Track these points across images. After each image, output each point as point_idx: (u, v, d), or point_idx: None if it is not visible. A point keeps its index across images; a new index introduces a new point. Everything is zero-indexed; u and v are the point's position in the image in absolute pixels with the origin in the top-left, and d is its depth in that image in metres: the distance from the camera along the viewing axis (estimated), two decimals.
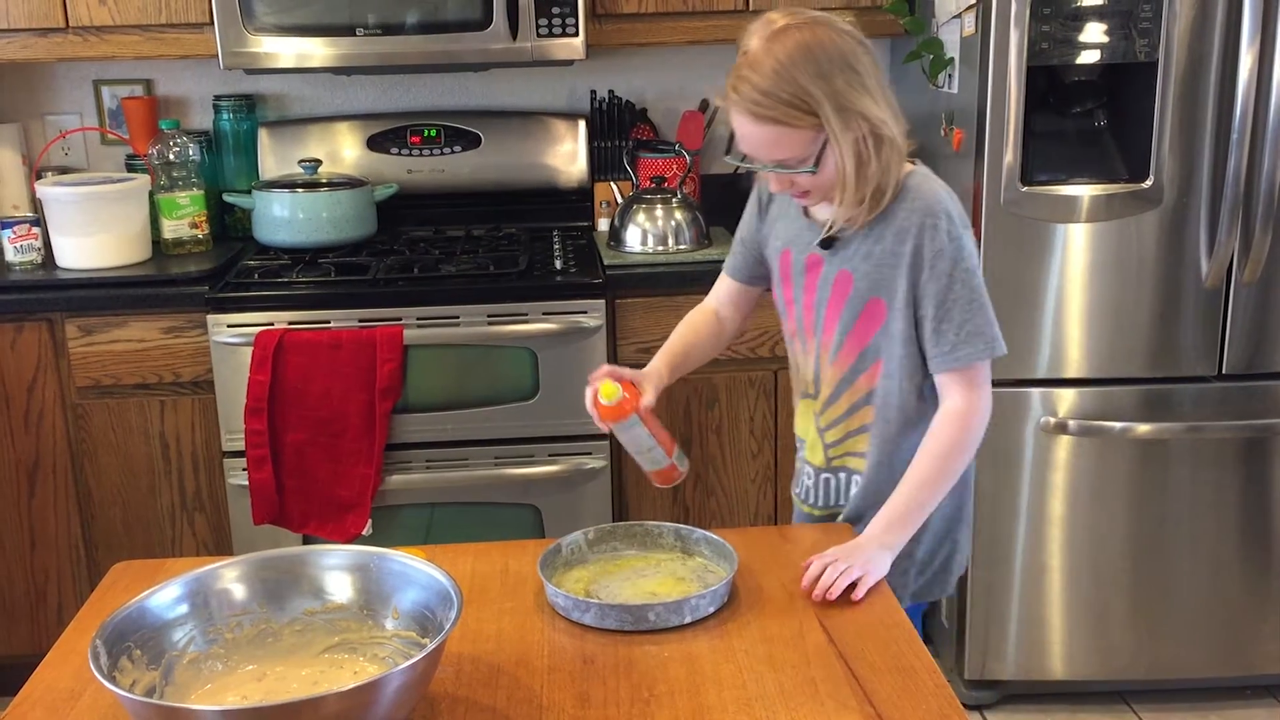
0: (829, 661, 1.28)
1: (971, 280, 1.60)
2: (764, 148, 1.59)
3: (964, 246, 1.61)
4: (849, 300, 1.68)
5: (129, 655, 1.14)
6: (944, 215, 1.61)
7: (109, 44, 2.69)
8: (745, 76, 1.55)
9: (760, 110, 1.55)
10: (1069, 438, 2.54)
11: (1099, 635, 2.64)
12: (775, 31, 1.55)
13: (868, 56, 1.59)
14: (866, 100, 1.56)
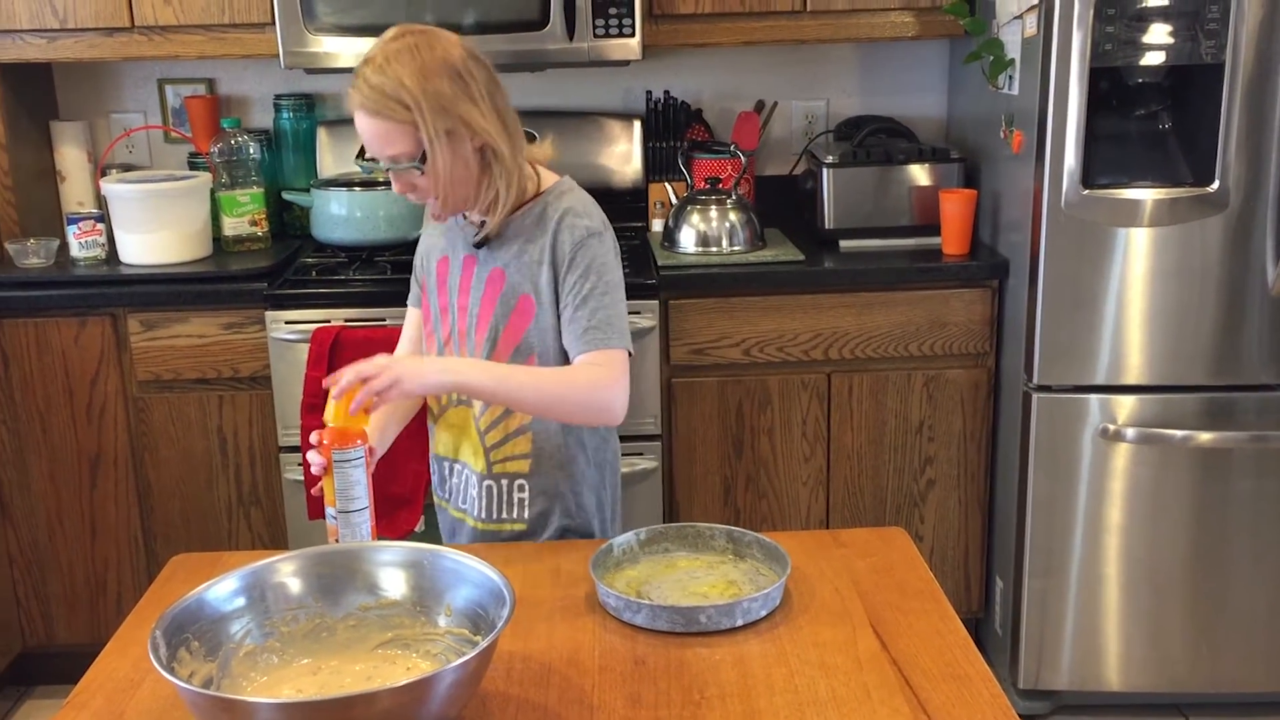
0: (882, 667, 1.26)
1: (605, 276, 1.73)
2: (375, 143, 1.68)
3: (597, 246, 1.74)
4: (501, 297, 1.77)
5: (187, 646, 1.16)
6: (582, 216, 1.76)
7: (173, 43, 2.73)
8: (361, 73, 1.66)
9: (368, 104, 1.65)
10: (1128, 445, 2.50)
11: (1156, 646, 2.60)
12: (392, 36, 1.68)
13: (482, 72, 1.71)
14: (469, 108, 1.68)
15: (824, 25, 2.79)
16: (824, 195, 2.80)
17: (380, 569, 1.28)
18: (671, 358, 2.64)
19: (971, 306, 2.65)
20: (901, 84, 3.15)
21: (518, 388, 1.66)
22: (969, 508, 2.77)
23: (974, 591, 2.83)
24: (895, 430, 2.71)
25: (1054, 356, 2.49)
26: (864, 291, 2.63)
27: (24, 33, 2.72)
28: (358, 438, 1.43)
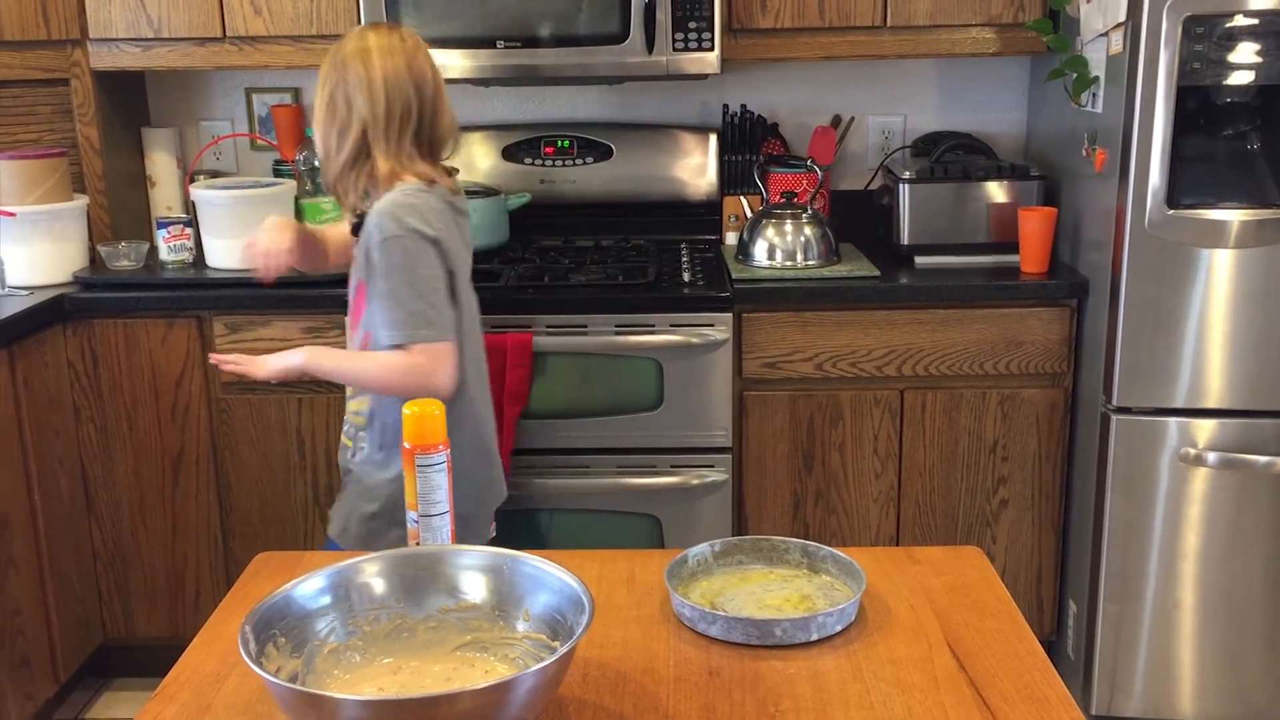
0: (959, 687, 1.26)
1: (399, 277, 1.91)
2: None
3: (394, 250, 1.90)
4: (353, 280, 2.04)
5: (274, 642, 1.18)
6: (391, 219, 1.91)
7: (262, 53, 2.80)
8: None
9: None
10: (1208, 470, 2.46)
11: (1232, 675, 2.55)
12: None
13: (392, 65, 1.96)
14: (360, 98, 1.93)
15: (904, 41, 2.78)
16: (900, 211, 2.79)
17: (461, 572, 1.30)
18: (744, 371, 2.64)
19: (1049, 326, 2.62)
20: (980, 100, 3.13)
21: (349, 369, 2.02)
22: (1043, 529, 2.73)
23: (1046, 615, 2.79)
24: (968, 449, 2.69)
25: (1134, 378, 2.45)
26: (939, 308, 2.62)
27: (120, 41, 2.81)
28: (440, 443, 1.46)
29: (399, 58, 1.96)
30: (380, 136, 1.95)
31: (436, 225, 1.94)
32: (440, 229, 1.95)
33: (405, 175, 1.98)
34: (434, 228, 1.93)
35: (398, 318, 1.91)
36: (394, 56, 1.96)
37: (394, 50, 1.96)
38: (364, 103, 1.94)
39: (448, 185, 2.05)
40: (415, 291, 1.90)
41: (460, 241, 2.03)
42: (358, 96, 1.94)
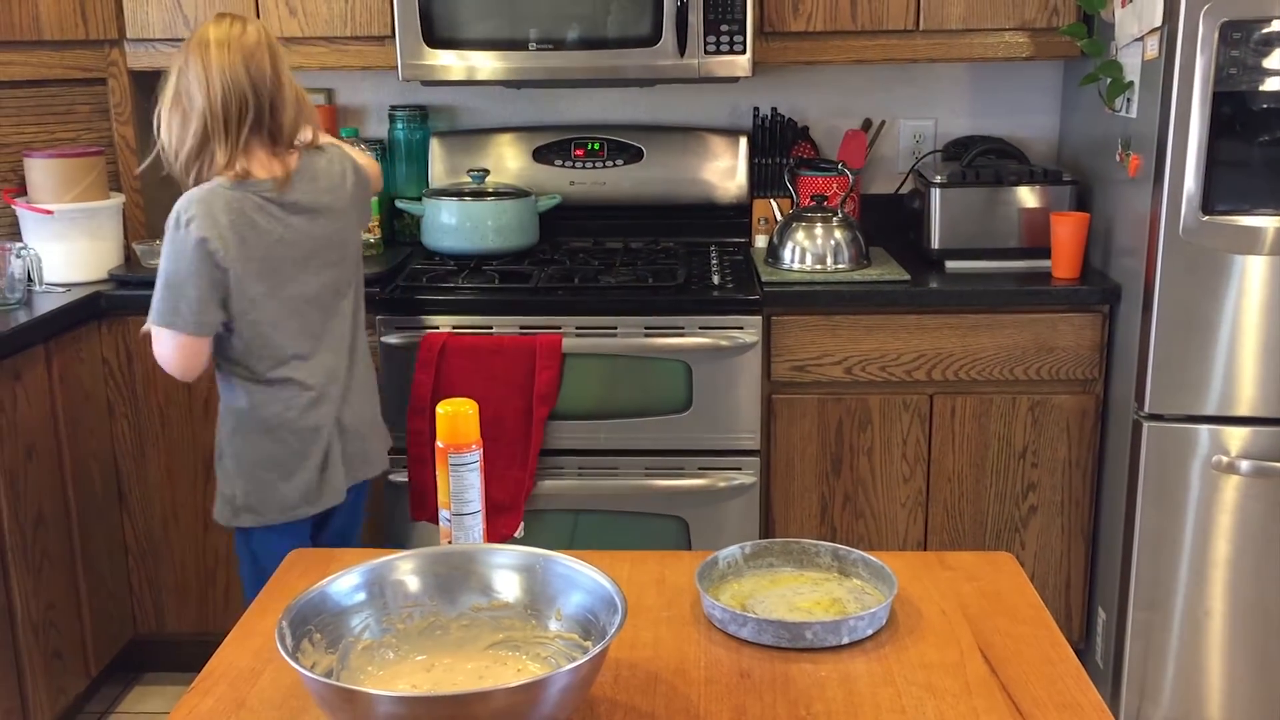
0: (991, 693, 1.25)
1: (163, 266, 2.04)
2: None
3: (168, 241, 2.03)
4: None
5: (310, 638, 1.19)
6: (175, 213, 2.03)
7: (297, 54, 2.82)
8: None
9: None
10: (1240, 478, 2.44)
11: (1262, 685, 2.53)
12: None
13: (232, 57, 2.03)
14: (197, 92, 2.02)
15: (936, 45, 2.78)
16: (931, 215, 2.78)
17: (494, 571, 1.31)
18: (773, 374, 2.64)
19: (1081, 332, 2.60)
20: (1012, 105, 3.12)
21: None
22: (1072, 536, 2.72)
23: (1075, 622, 2.77)
24: (998, 454, 2.68)
25: (1166, 385, 2.44)
26: (970, 313, 2.61)
27: (157, 41, 2.84)
28: (473, 443, 1.46)
29: (235, 53, 2.01)
30: (218, 130, 2.02)
31: (219, 223, 2.00)
32: (221, 228, 2.00)
33: (236, 168, 2.04)
34: (209, 227, 2.00)
35: (153, 302, 2.05)
36: (229, 51, 2.01)
37: (230, 44, 2.02)
38: (200, 97, 2.01)
39: (279, 178, 2.07)
40: (168, 284, 2.03)
41: (263, 239, 2.05)
42: (195, 90, 2.02)
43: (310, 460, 2.16)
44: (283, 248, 2.09)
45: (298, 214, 2.11)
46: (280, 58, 2.09)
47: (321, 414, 2.16)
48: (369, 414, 2.28)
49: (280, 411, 2.14)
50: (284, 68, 2.09)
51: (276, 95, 2.06)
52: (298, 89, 2.13)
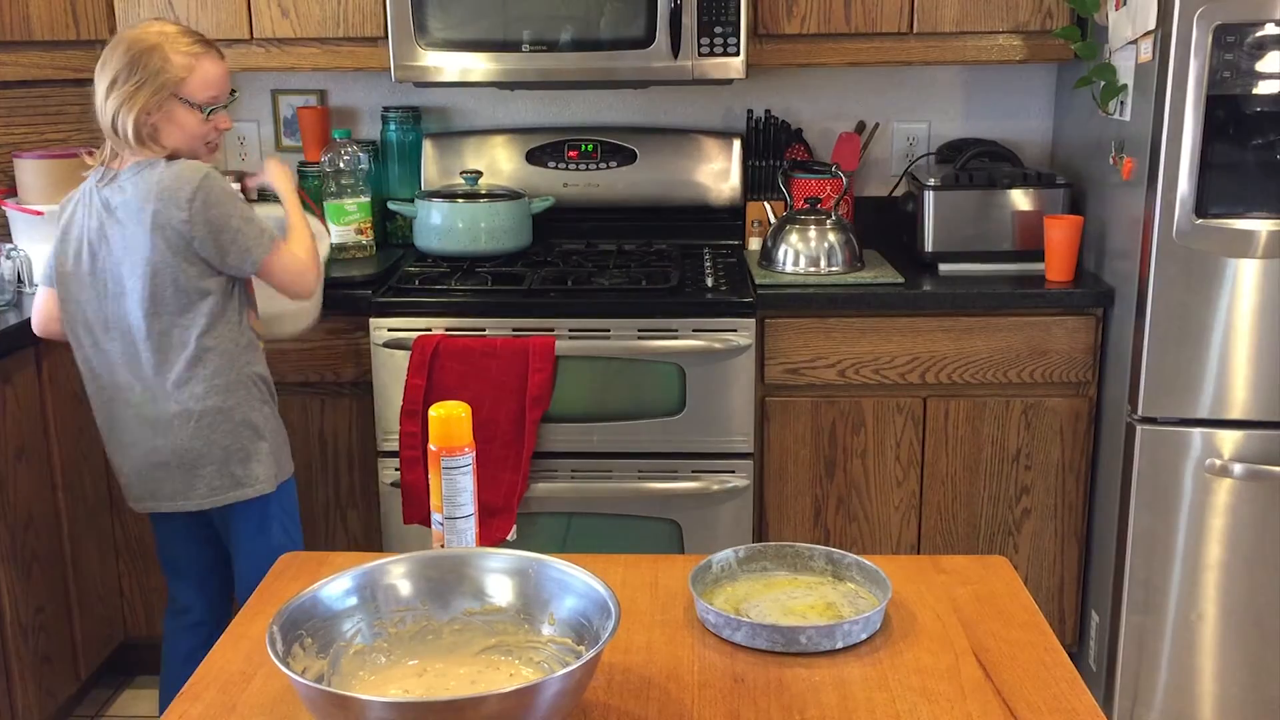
0: (986, 697, 1.25)
1: (234, 208, 2.13)
2: (227, 79, 2.19)
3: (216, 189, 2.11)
4: None
5: (301, 643, 1.18)
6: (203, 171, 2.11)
7: (289, 56, 2.81)
8: (195, 34, 2.16)
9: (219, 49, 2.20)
10: (1233, 481, 2.44)
11: (1255, 689, 2.53)
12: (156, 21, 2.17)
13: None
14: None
15: (930, 47, 2.78)
16: (925, 218, 2.78)
17: (487, 575, 1.30)
18: (766, 376, 2.64)
19: (1074, 335, 2.60)
20: (1006, 108, 3.12)
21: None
22: (1065, 539, 2.72)
23: (1068, 625, 2.77)
24: (991, 458, 2.68)
25: (1159, 388, 2.44)
26: (963, 316, 2.61)
27: None
28: (466, 446, 1.46)
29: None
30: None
31: (62, 212, 2.19)
32: (61, 216, 2.19)
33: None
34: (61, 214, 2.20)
35: (256, 240, 2.15)
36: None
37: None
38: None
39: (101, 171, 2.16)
40: (248, 218, 2.14)
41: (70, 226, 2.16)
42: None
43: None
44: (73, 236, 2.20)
45: (109, 214, 2.17)
46: (123, 61, 2.10)
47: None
48: None
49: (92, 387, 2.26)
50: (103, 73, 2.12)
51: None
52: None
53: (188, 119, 2.12)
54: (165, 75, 2.07)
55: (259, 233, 2.13)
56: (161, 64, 2.07)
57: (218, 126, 2.18)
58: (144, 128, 2.08)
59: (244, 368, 2.19)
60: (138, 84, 2.06)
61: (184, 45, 2.10)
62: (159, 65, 2.07)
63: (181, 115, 2.11)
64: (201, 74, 2.11)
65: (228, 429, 2.17)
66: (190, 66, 2.10)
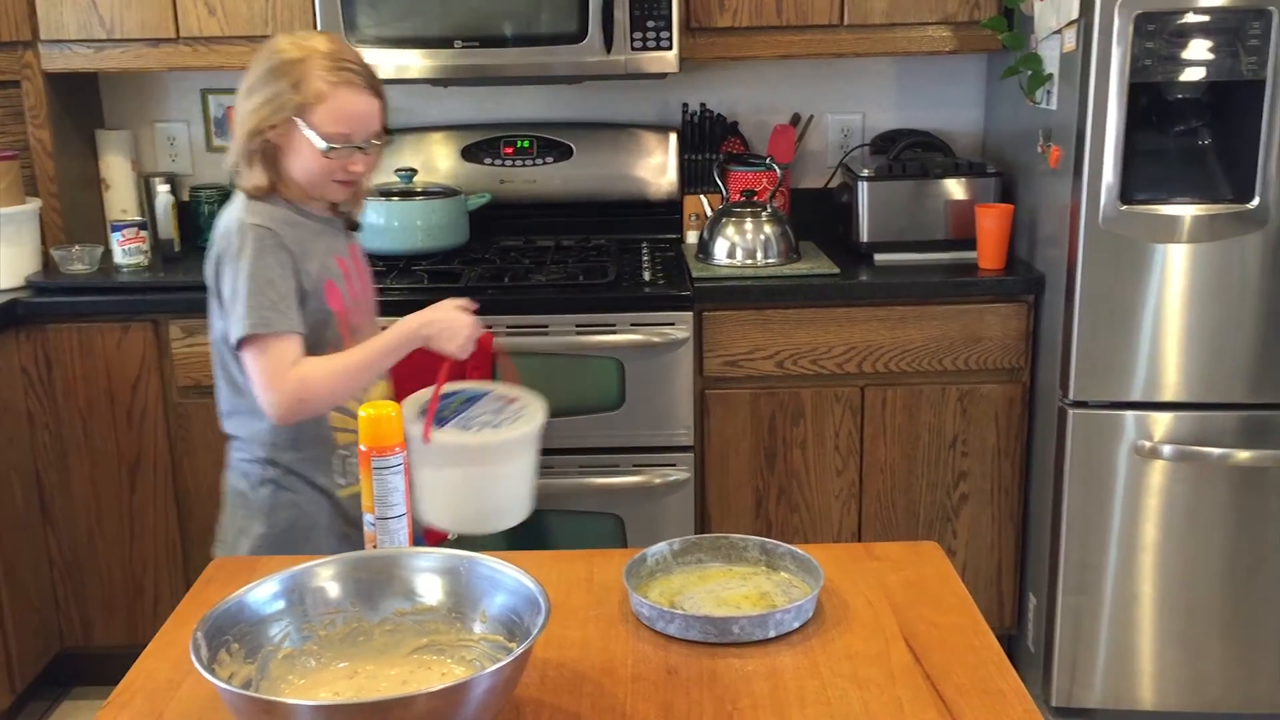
0: (915, 681, 1.26)
1: None
2: (369, 121, 1.87)
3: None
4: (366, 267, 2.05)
5: (227, 648, 1.17)
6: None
7: (217, 54, 2.78)
8: (346, 61, 1.84)
9: (373, 83, 1.87)
10: (1164, 462, 2.49)
11: (1190, 665, 2.58)
12: (324, 34, 1.91)
13: None
14: None
15: (861, 39, 2.80)
16: (859, 208, 2.80)
17: (417, 574, 1.30)
18: (705, 369, 2.64)
19: (1007, 321, 2.64)
20: (938, 98, 3.15)
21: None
22: (1002, 523, 2.76)
23: (1007, 607, 2.81)
24: (929, 445, 2.71)
25: (1090, 372, 2.47)
26: (899, 305, 2.63)
27: (72, 43, 2.77)
28: (396, 445, 1.45)
29: None
30: None
31: None
32: None
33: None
34: None
35: None
36: None
37: None
38: None
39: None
40: None
41: None
42: None
43: None
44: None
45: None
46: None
47: None
48: None
49: None
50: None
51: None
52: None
53: (307, 149, 1.83)
54: (295, 96, 1.80)
55: (249, 310, 1.79)
56: (295, 82, 1.80)
57: (347, 167, 1.86)
58: (257, 144, 1.83)
59: (262, 455, 1.93)
60: (266, 98, 1.81)
61: (326, 68, 1.81)
62: (292, 83, 1.80)
63: (301, 142, 1.82)
64: (335, 105, 1.81)
65: (231, 509, 1.99)
66: (323, 94, 1.80)
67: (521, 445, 1.76)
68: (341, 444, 1.95)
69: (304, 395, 1.81)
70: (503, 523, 1.79)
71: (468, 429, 1.71)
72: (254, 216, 1.84)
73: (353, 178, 1.88)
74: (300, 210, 1.91)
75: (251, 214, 1.84)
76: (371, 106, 1.86)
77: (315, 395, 1.83)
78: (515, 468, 1.77)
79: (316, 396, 1.83)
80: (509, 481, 1.77)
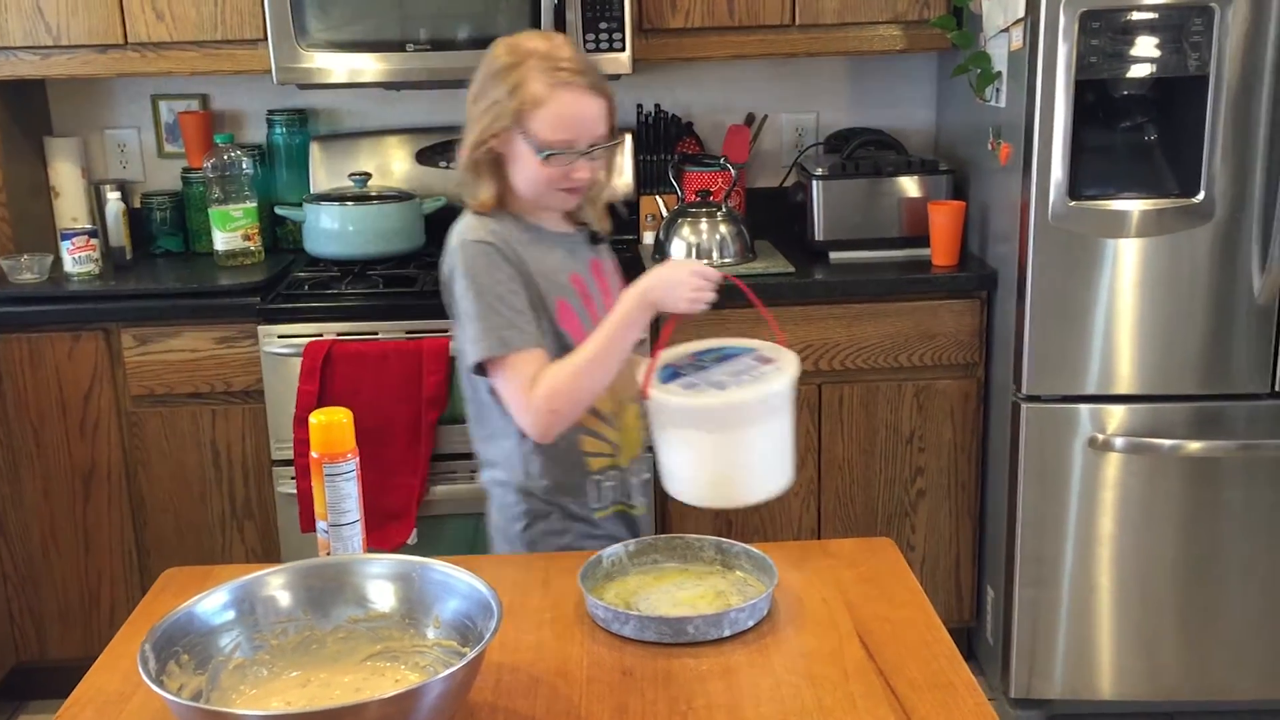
0: (868, 678, 1.27)
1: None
2: (591, 123, 1.72)
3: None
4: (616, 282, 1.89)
5: (177, 660, 1.16)
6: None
7: (167, 60, 2.75)
8: (563, 61, 1.69)
9: (596, 83, 1.72)
10: (1118, 455, 2.51)
11: (1147, 655, 2.61)
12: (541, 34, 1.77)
13: None
14: None
15: (813, 39, 2.81)
16: (814, 207, 2.82)
17: (369, 581, 1.29)
18: None
19: (960, 317, 2.66)
20: (890, 97, 3.17)
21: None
22: (960, 518, 2.78)
23: (965, 601, 2.83)
24: (886, 441, 2.72)
25: (1042, 367, 2.50)
26: (854, 303, 2.64)
27: (18, 50, 2.74)
28: (348, 451, 1.44)
29: None
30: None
31: None
32: None
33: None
34: None
35: None
36: None
37: None
38: None
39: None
40: None
41: None
42: None
43: None
44: None
45: None
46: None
47: None
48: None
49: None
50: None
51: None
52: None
53: (528, 158, 1.70)
54: (513, 101, 1.68)
55: (483, 333, 1.69)
56: (512, 87, 1.69)
57: (570, 174, 1.72)
58: (482, 154, 1.73)
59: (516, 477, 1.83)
60: (486, 106, 1.71)
61: (542, 70, 1.68)
62: (509, 88, 1.69)
63: (522, 151, 1.70)
64: (554, 109, 1.67)
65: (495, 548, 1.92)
66: (541, 98, 1.67)
67: (763, 407, 1.53)
68: (595, 469, 1.83)
69: (554, 407, 1.69)
70: (749, 495, 1.59)
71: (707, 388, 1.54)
72: (474, 233, 1.73)
73: (577, 185, 1.73)
74: (529, 224, 1.77)
75: (472, 230, 1.74)
76: (594, 108, 1.71)
77: (564, 402, 1.70)
78: (757, 432, 1.55)
79: (567, 403, 1.70)
80: (751, 448, 1.56)
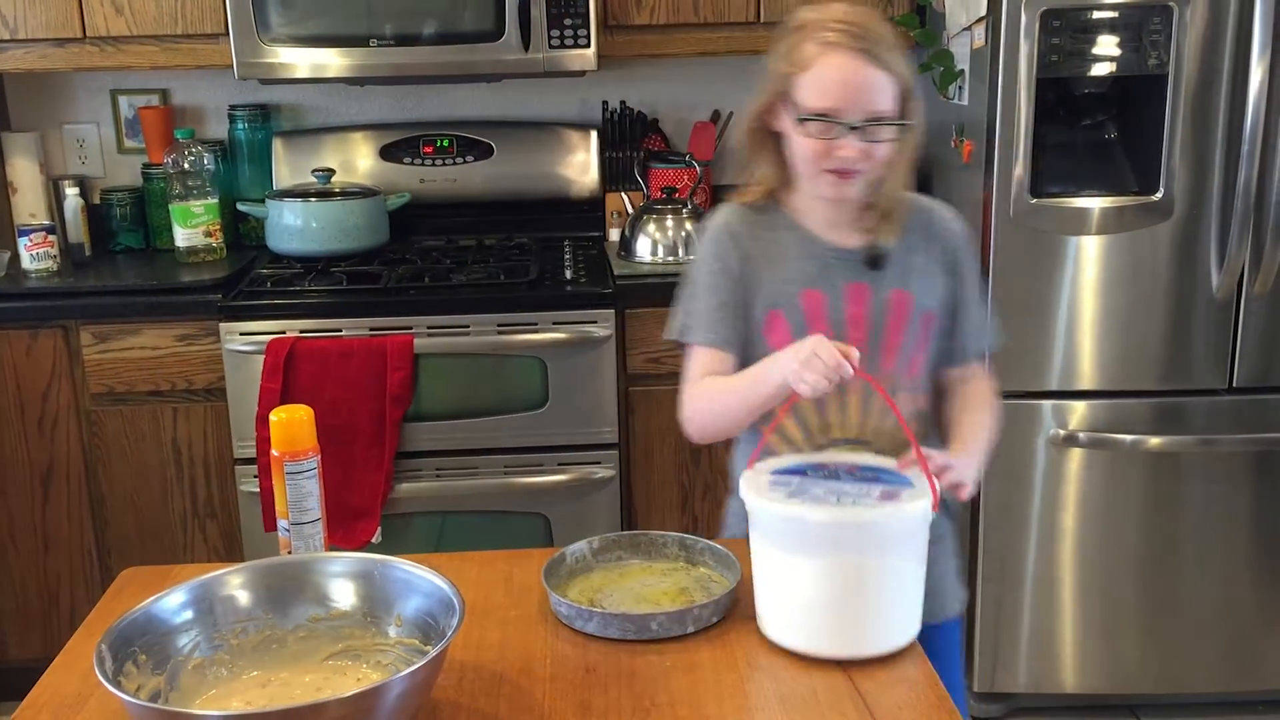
0: (830, 672, 1.28)
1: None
2: (870, 93, 1.49)
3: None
4: (910, 322, 1.60)
5: (134, 660, 1.15)
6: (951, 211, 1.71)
7: (126, 54, 2.72)
8: (841, 22, 1.50)
9: (883, 52, 1.50)
10: (1080, 450, 2.53)
11: (1110, 648, 2.63)
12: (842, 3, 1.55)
13: None
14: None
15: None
16: None
17: (330, 580, 1.28)
18: (629, 366, 2.65)
19: None
20: None
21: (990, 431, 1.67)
22: None
23: None
24: None
25: (1006, 363, 2.51)
26: None
27: None
28: (310, 449, 1.43)
29: None
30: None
31: None
32: None
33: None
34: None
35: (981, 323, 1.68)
36: None
37: None
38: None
39: None
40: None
41: None
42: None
43: None
44: None
45: None
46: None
47: None
48: None
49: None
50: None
51: None
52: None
53: (791, 130, 1.55)
54: (784, 66, 1.53)
55: (675, 313, 1.65)
56: (788, 50, 1.53)
57: (833, 151, 1.51)
58: (756, 126, 1.61)
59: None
60: (767, 76, 1.57)
61: (818, 29, 1.51)
62: (784, 52, 1.54)
63: (787, 122, 1.56)
64: (819, 72, 1.49)
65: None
66: (807, 60, 1.50)
67: (894, 532, 1.32)
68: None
69: (689, 413, 1.62)
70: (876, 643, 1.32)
71: (821, 502, 1.33)
72: (719, 214, 1.65)
73: (843, 166, 1.51)
74: (791, 225, 1.61)
75: (720, 212, 1.65)
76: (870, 77, 1.49)
77: (695, 417, 1.62)
78: (882, 564, 1.32)
79: (696, 419, 1.62)
80: (875, 583, 1.32)
